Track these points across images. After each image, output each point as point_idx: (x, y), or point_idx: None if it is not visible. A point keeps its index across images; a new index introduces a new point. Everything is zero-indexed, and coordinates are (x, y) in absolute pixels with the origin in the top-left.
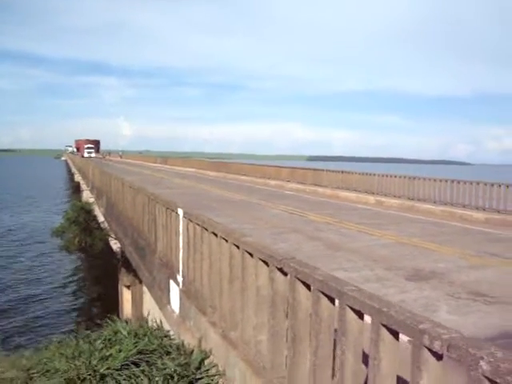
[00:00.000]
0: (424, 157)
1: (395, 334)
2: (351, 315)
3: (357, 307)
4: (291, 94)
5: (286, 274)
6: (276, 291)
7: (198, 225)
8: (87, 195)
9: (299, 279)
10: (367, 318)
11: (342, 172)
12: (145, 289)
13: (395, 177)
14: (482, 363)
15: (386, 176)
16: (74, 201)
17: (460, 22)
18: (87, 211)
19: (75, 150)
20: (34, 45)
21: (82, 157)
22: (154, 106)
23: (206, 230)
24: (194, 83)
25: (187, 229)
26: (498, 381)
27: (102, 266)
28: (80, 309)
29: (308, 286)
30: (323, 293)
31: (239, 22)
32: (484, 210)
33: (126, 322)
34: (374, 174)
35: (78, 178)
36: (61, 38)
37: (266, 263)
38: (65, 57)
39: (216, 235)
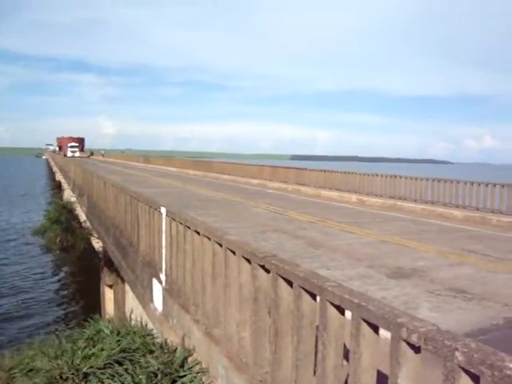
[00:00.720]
0: (406, 156)
1: (375, 329)
2: (332, 310)
3: (337, 302)
4: (272, 93)
5: (268, 271)
6: (258, 288)
7: (181, 223)
8: (69, 194)
9: (281, 276)
10: (348, 314)
11: (325, 171)
12: (127, 288)
13: (377, 176)
14: (457, 354)
15: (368, 175)
16: (55, 200)
17: (442, 23)
18: (69, 210)
19: (57, 148)
20: (11, 41)
21: (65, 156)
22: (135, 105)
23: (189, 228)
24: (175, 82)
25: (170, 227)
26: (472, 370)
27: (84, 266)
28: (62, 309)
29: (290, 283)
30: (305, 289)
31: (220, 20)
32: (464, 208)
33: (109, 321)
34: (356, 173)
35: (59, 176)
36: (39, 34)
37: (249, 260)
38: (44, 54)
39: (199, 233)
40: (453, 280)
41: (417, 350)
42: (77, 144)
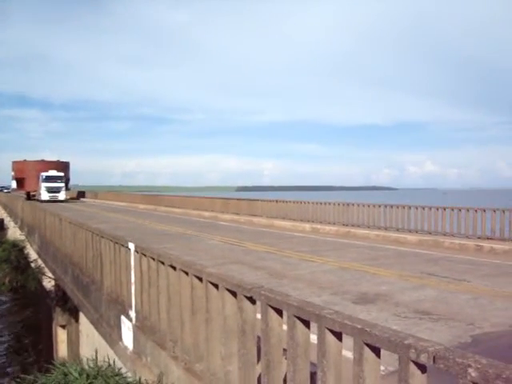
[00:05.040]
0: (350, 184)
1: (377, 352)
2: (331, 337)
3: (337, 329)
4: (219, 125)
5: (254, 302)
6: (245, 320)
7: (153, 258)
8: (14, 232)
9: (271, 306)
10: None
11: (277, 201)
12: (81, 327)
13: (329, 204)
14: (470, 371)
15: (321, 203)
16: (4, 239)
17: (375, 55)
18: (19, 249)
19: (14, 182)
20: None
21: (30, 198)
22: (81, 140)
23: (163, 263)
24: (120, 116)
25: (140, 263)
26: None
27: (35, 306)
28: (12, 352)
29: (280, 312)
30: (299, 318)
31: (164, 55)
32: (417, 232)
33: (65, 362)
34: (308, 202)
35: (2, 214)
36: None
37: (233, 293)
38: None
39: (174, 268)
40: (417, 302)
41: (423, 369)
42: (60, 174)
